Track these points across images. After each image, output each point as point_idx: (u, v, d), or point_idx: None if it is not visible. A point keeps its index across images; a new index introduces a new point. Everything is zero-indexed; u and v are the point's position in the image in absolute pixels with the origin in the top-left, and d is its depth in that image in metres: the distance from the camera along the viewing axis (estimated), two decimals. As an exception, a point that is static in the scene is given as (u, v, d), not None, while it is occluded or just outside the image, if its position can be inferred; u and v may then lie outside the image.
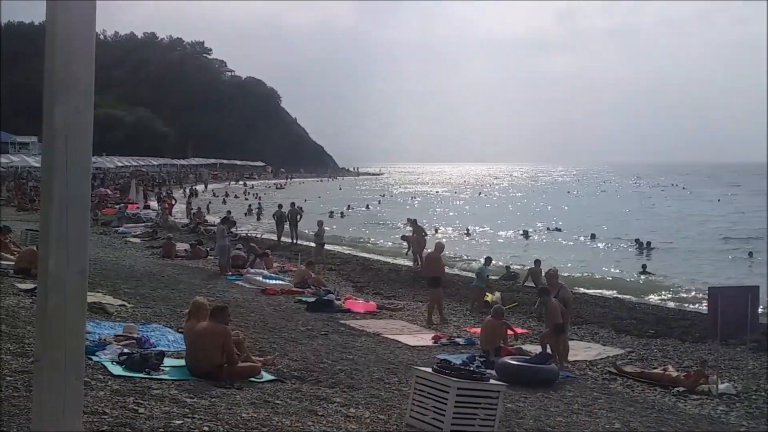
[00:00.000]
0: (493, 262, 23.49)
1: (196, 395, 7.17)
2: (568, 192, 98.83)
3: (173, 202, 45.94)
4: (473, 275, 24.80)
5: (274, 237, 32.36)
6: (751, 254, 32.80)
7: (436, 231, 43.63)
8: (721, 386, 10.92)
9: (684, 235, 43.19)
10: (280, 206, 33.50)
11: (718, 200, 76.32)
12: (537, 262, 22.40)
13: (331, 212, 53.25)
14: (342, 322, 14.65)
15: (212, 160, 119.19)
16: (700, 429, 8.99)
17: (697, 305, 19.75)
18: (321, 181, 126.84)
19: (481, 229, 46.37)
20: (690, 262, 31.80)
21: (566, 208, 66.93)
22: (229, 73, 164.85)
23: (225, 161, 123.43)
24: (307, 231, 32.79)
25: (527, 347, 13.18)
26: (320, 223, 27.56)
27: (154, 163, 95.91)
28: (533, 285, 21.13)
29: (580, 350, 13.56)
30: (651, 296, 22.51)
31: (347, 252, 31.77)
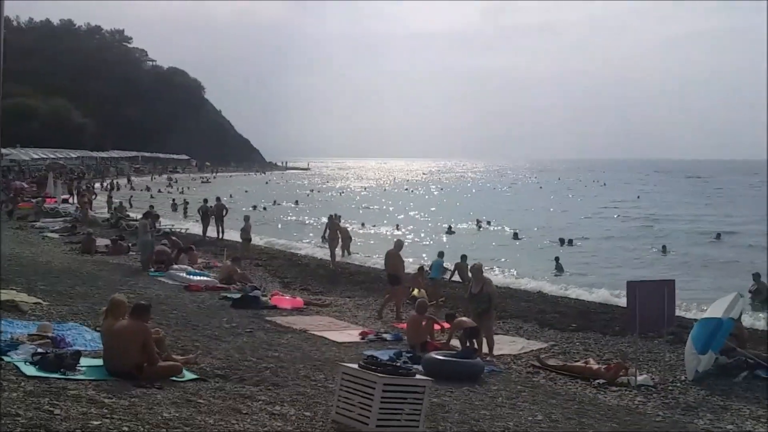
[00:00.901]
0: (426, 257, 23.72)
1: (115, 395, 6.97)
2: (494, 188, 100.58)
3: (93, 196, 44.62)
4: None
5: (199, 232, 31.80)
6: (664, 249, 33.94)
7: (363, 225, 43.76)
8: (640, 378, 11.26)
9: (602, 230, 44.46)
10: (205, 201, 32.96)
11: (638, 197, 78.98)
12: (463, 257, 22.63)
13: (255, 206, 52.65)
14: (268, 318, 14.48)
15: (134, 153, 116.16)
16: (618, 419, 9.24)
17: (616, 299, 20.32)
18: (247, 175, 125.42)
19: (407, 228, 46.65)
20: (609, 257, 32.74)
21: (490, 204, 68.08)
22: (151, 63, 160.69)
23: (147, 154, 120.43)
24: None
25: (455, 342, 13.28)
26: (246, 218, 27.22)
27: (73, 155, 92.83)
28: (460, 280, 21.39)
29: (505, 344, 13.77)
30: (573, 291, 23.06)
31: (275, 247, 31.48)
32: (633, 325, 12.17)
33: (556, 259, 28.65)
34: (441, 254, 21.58)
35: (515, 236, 40.10)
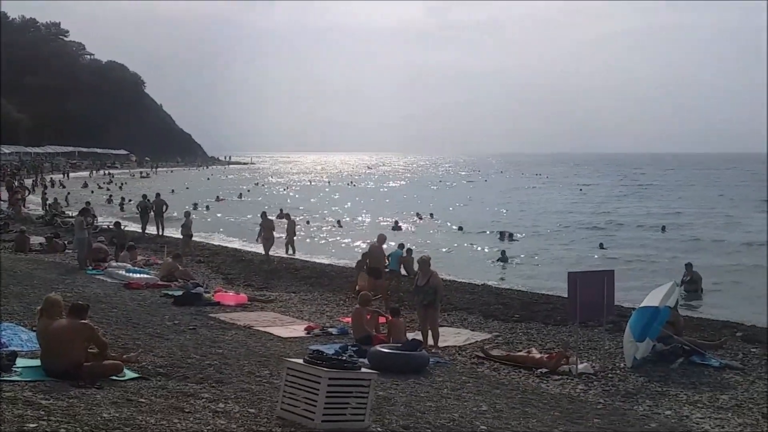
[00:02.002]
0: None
1: (53, 396, 6.79)
2: (440, 181, 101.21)
3: (26, 192, 43.34)
4: (344, 265, 25.05)
5: (138, 229, 31.19)
6: (602, 245, 34.54)
7: (308, 222, 43.56)
8: (581, 366, 11.48)
9: (543, 224, 45.12)
10: (144, 196, 32.31)
11: (580, 189, 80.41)
12: (408, 251, 22.75)
13: (195, 204, 51.68)
14: (211, 315, 14.30)
15: (70, 148, 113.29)
16: (561, 407, 9.40)
17: (558, 290, 20.67)
18: (188, 170, 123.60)
19: (351, 219, 46.64)
20: (549, 250, 33.25)
21: (432, 197, 68.48)
22: (89, 57, 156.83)
23: (84, 149, 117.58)
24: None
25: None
26: (187, 214, 26.81)
27: (6, 151, 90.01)
28: (405, 273, 21.48)
29: (450, 336, 13.87)
30: (515, 282, 23.39)
31: (217, 243, 31.11)
32: (574, 314, 12.40)
33: (502, 252, 29.00)
34: (401, 246, 21.83)
35: (460, 229, 40.44)
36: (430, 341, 12.83)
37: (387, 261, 19.78)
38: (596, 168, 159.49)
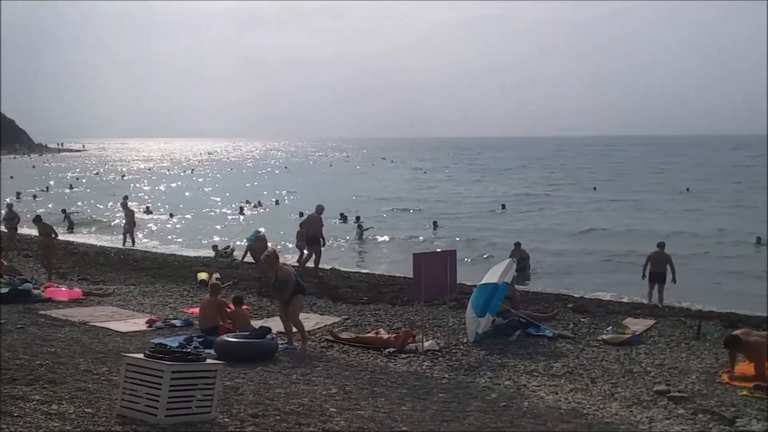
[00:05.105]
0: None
1: None
2: (286, 167, 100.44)
3: None
4: (189, 256, 24.37)
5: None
6: (435, 224, 35.69)
7: (149, 211, 41.92)
8: (426, 344, 11.79)
9: (386, 207, 46.01)
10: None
11: (425, 172, 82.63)
12: (256, 234, 22.57)
13: (18, 194, 48.37)
14: (42, 312, 13.43)
15: None
16: (408, 385, 9.61)
17: (403, 271, 21.14)
18: (14, 158, 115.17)
19: (191, 207, 45.38)
20: (394, 231, 33.93)
21: (256, 183, 67.98)
22: None
23: None
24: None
25: (254, 322, 13.00)
26: (10, 206, 24.97)
27: None
28: (253, 261, 21.21)
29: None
30: (363, 265, 23.71)
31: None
32: (419, 294, 12.69)
33: (359, 234, 29.19)
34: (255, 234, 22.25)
35: (300, 215, 40.33)
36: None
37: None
38: (436, 152, 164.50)
